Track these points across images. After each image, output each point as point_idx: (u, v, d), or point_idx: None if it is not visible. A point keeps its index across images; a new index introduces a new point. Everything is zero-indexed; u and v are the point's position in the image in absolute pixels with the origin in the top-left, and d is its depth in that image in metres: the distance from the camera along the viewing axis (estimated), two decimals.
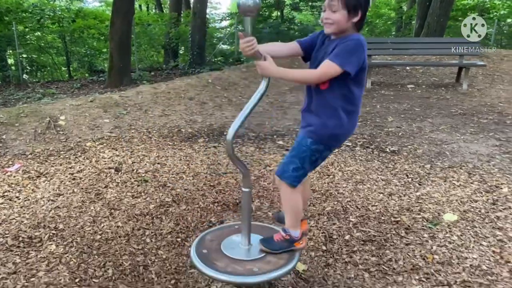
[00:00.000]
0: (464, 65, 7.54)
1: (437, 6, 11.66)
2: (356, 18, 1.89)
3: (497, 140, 4.60)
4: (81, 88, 9.85)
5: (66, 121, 4.84)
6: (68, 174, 3.65)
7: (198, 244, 2.29)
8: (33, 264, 2.44)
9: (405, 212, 3.06)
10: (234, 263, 2.13)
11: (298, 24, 16.62)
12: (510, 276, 2.32)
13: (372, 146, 4.48)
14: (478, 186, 3.45)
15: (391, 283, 2.35)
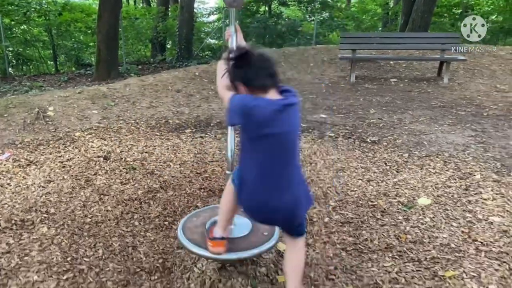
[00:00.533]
0: (446, 60, 7.75)
1: (421, 3, 11.88)
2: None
3: (473, 131, 4.79)
4: (69, 81, 9.86)
5: (55, 112, 4.91)
6: (58, 162, 3.75)
7: (185, 224, 2.42)
8: (26, 244, 2.55)
9: (382, 197, 3.22)
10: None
11: (285, 19, 16.73)
12: (476, 253, 2.49)
13: (354, 136, 4.64)
14: (452, 173, 3.62)
15: (366, 260, 2.51)
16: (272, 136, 1.71)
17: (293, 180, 1.84)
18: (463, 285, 2.19)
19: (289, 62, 9.00)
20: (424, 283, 2.25)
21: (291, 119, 1.75)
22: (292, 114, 1.74)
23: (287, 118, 1.72)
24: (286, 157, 1.80)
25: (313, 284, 2.36)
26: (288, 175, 1.82)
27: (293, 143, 1.81)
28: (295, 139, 1.82)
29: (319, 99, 6.43)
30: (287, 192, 1.81)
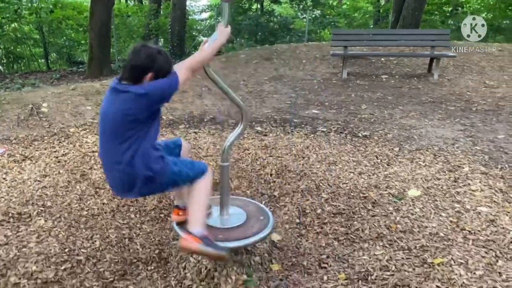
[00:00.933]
0: (436, 56, 7.84)
1: (412, 0, 11.97)
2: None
3: (462, 125, 4.88)
4: (61, 78, 9.83)
5: (49, 108, 4.93)
6: (53, 157, 3.78)
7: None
8: (24, 236, 2.59)
9: (373, 189, 3.30)
10: (214, 231, 2.32)
11: (277, 17, 16.75)
12: (464, 241, 2.57)
13: (346, 131, 4.71)
14: (442, 166, 3.71)
15: (358, 249, 2.59)
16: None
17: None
18: (451, 271, 2.27)
19: (281, 59, 9.05)
20: (414, 270, 2.33)
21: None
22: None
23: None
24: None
25: (306, 272, 2.43)
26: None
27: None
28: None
29: (311, 95, 6.50)
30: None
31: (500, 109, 5.59)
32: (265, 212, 2.55)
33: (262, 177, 3.55)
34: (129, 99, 1.91)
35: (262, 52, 9.63)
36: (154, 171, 1.98)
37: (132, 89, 1.92)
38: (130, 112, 1.90)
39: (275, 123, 5.00)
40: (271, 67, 8.43)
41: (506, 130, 4.67)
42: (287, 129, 4.77)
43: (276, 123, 5.00)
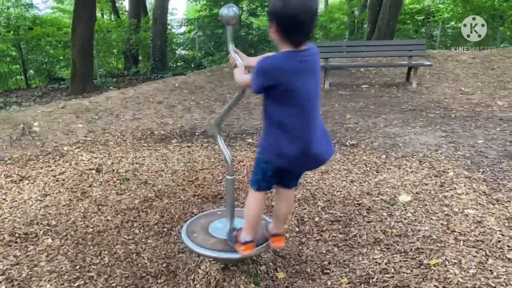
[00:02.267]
0: (413, 65, 8.16)
1: (386, 11, 12.39)
2: (273, 29, 1.82)
3: (443, 132, 5.12)
4: (43, 96, 9.78)
5: (40, 127, 4.95)
6: (51, 176, 3.81)
7: (188, 228, 2.57)
8: (34, 256, 2.64)
9: (366, 196, 3.45)
10: (221, 243, 2.42)
11: (256, 29, 17.03)
12: (455, 242, 2.73)
13: (334, 140, 4.88)
14: (428, 172, 3.90)
15: (357, 254, 2.72)
16: (287, 90, 1.83)
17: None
18: (447, 271, 2.42)
19: None
20: (412, 271, 2.47)
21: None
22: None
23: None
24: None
25: (311, 278, 2.54)
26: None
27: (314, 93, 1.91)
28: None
29: None
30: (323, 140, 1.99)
31: (477, 115, 5.87)
32: (267, 222, 2.66)
33: None
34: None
35: None
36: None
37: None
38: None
39: None
40: None
41: (484, 135, 4.92)
42: None
43: None
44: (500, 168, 3.91)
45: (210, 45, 15.53)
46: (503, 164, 4.00)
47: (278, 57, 1.83)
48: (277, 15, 1.78)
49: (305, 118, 1.87)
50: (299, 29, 1.76)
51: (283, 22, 1.77)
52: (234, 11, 2.22)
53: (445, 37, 17.77)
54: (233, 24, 2.28)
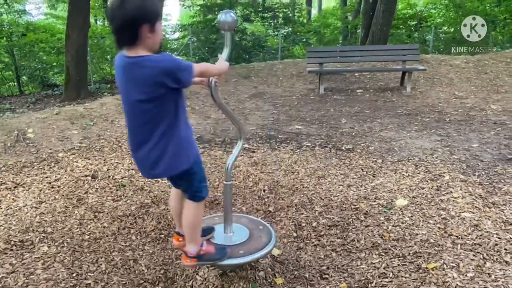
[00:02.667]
0: (407, 70, 8.20)
1: (380, 16, 12.47)
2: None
3: (438, 136, 5.14)
4: (37, 102, 9.72)
5: (35, 134, 4.91)
6: (46, 183, 3.78)
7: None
8: (30, 263, 2.61)
9: (363, 200, 3.46)
10: None
11: (250, 35, 17.07)
12: (453, 246, 2.74)
13: (330, 145, 4.89)
14: (424, 176, 3.91)
15: (356, 259, 2.72)
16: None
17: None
18: (445, 275, 2.43)
19: (260, 77, 9.25)
20: (410, 275, 2.47)
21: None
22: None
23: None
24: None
25: (309, 284, 2.54)
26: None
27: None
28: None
29: (292, 111, 6.68)
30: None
31: (471, 119, 5.91)
32: (266, 228, 2.66)
33: (255, 194, 3.66)
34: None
35: (240, 70, 9.82)
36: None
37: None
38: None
39: (261, 140, 5.14)
40: (250, 85, 8.61)
41: (479, 139, 4.95)
42: (274, 145, 4.91)
43: (262, 140, 5.14)
44: (495, 171, 3.93)
45: (204, 51, 15.53)
46: (498, 167, 4.02)
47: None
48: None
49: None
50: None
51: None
52: (232, 17, 2.22)
53: (438, 41, 17.89)
54: (230, 30, 2.28)
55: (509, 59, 10.17)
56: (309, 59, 8.58)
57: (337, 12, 23.00)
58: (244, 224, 2.70)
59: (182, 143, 1.98)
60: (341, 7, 22.66)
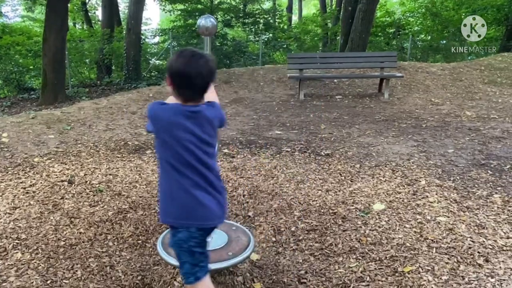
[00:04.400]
0: (385, 77, 8.35)
1: (358, 23, 12.67)
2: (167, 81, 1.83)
3: (415, 141, 5.24)
4: (12, 106, 9.53)
5: (9, 138, 4.81)
6: (21, 188, 3.70)
7: (163, 240, 2.53)
8: (2, 271, 2.55)
9: (341, 205, 3.49)
10: None
11: (231, 40, 17.12)
12: (428, 249, 2.79)
13: (309, 150, 4.93)
14: (400, 180, 3.97)
15: (333, 263, 2.74)
16: (163, 140, 1.81)
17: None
18: (420, 278, 2.47)
19: (240, 82, 9.27)
20: (387, 279, 2.51)
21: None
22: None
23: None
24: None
25: None
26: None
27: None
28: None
29: (272, 117, 6.71)
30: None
31: (447, 125, 6.04)
32: (245, 233, 2.66)
33: (235, 199, 3.66)
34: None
35: (220, 75, 9.81)
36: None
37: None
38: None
39: (241, 145, 5.15)
40: (231, 90, 8.62)
41: (454, 144, 5.06)
42: (254, 150, 4.92)
43: (242, 145, 5.15)
44: (469, 176, 4.03)
45: None
46: (472, 172, 4.12)
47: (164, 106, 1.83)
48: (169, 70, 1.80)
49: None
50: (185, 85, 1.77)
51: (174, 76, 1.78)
52: (211, 22, 2.23)
53: (415, 49, 18.27)
54: (210, 35, 2.29)
55: (483, 67, 10.46)
56: (290, 65, 8.65)
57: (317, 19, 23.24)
58: (223, 228, 2.69)
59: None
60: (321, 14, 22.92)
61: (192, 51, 1.79)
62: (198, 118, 1.78)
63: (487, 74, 9.99)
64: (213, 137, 1.85)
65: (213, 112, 1.84)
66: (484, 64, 10.65)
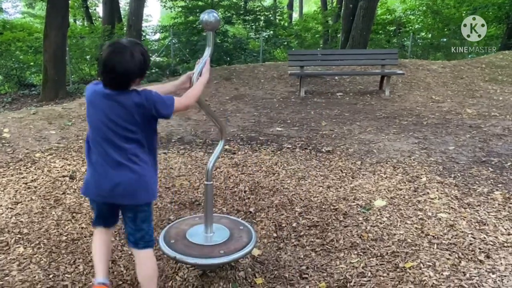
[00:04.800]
0: (386, 74, 8.34)
1: (359, 21, 12.66)
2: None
3: (416, 138, 5.24)
4: (13, 102, 9.53)
5: (11, 134, 4.81)
6: (22, 183, 3.71)
7: (165, 235, 2.54)
8: (4, 265, 2.55)
9: (342, 201, 3.50)
10: (199, 249, 2.41)
11: (231, 37, 17.09)
12: (429, 245, 2.80)
13: (310, 147, 4.93)
14: (401, 177, 3.98)
15: (335, 258, 2.75)
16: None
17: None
18: (422, 274, 2.48)
19: (241, 79, 9.27)
20: (388, 274, 2.51)
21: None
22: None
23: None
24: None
25: (289, 283, 2.55)
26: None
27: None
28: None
29: (273, 113, 6.72)
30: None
31: (448, 122, 6.04)
32: (247, 228, 2.67)
33: (236, 194, 3.66)
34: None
35: (221, 72, 9.81)
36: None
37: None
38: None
39: (242, 141, 5.15)
40: (231, 87, 8.62)
41: (455, 141, 5.06)
42: (255, 147, 4.93)
43: (243, 141, 5.15)
44: (470, 173, 4.03)
45: (185, 52, 15.47)
46: (473, 169, 4.12)
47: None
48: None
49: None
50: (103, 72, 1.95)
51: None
52: (214, 17, 2.23)
53: (416, 47, 18.26)
54: (213, 30, 2.29)
55: (484, 64, 10.45)
56: (291, 62, 8.65)
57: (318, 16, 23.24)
58: (225, 224, 2.70)
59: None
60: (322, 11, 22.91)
61: (120, 44, 1.95)
62: (111, 101, 1.93)
63: (488, 72, 9.98)
64: (129, 122, 1.95)
65: (130, 99, 1.93)
66: (485, 62, 10.64)
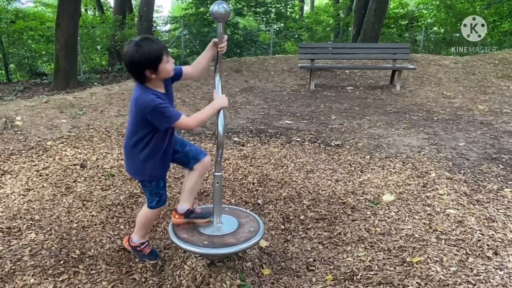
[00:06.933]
0: (397, 69, 8.28)
1: (371, 14, 12.54)
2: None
3: (426, 134, 5.21)
4: (25, 91, 9.61)
5: (23, 122, 4.87)
6: (34, 171, 3.76)
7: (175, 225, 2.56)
8: (17, 250, 2.60)
9: (350, 195, 3.50)
10: (208, 239, 2.43)
11: (242, 29, 17.04)
12: (437, 241, 2.80)
13: (319, 141, 4.93)
14: (411, 172, 3.97)
15: (342, 252, 2.76)
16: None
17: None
18: (429, 269, 2.48)
19: (251, 71, 9.26)
20: (395, 268, 2.52)
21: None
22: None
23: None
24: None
25: (296, 275, 2.57)
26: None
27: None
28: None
29: (282, 106, 6.71)
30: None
31: (459, 118, 6.00)
32: (255, 219, 2.68)
33: (244, 186, 3.68)
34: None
35: (231, 64, 9.80)
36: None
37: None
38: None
39: (251, 134, 5.16)
40: (241, 79, 8.61)
41: (465, 138, 5.03)
42: (264, 139, 4.93)
43: (252, 134, 5.16)
44: (480, 170, 4.01)
45: (196, 44, 15.47)
46: (483, 166, 4.10)
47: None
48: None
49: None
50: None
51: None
52: (224, 8, 2.23)
53: (428, 42, 18.06)
54: (223, 21, 2.29)
55: (497, 61, 10.32)
56: (301, 54, 8.61)
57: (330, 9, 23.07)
58: (233, 215, 2.72)
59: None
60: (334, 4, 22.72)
61: (132, 39, 2.17)
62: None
63: (501, 68, 9.86)
64: (131, 115, 2.25)
65: (134, 96, 2.22)
66: (498, 58, 10.50)
